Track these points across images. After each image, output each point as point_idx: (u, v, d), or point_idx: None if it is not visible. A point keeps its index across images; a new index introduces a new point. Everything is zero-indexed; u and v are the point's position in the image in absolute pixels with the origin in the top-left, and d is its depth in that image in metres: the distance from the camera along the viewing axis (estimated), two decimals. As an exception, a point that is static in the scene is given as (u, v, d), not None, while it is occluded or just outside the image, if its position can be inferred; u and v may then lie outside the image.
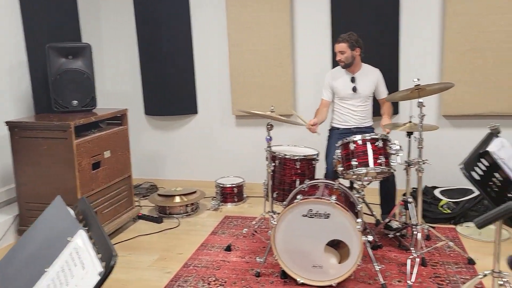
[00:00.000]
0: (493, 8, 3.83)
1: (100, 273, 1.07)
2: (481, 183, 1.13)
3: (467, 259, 3.06)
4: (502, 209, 0.88)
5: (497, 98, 3.95)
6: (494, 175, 1.15)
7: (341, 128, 3.68)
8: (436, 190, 4.00)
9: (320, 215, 2.73)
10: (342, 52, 3.49)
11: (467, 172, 1.13)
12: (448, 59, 4.01)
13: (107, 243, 1.10)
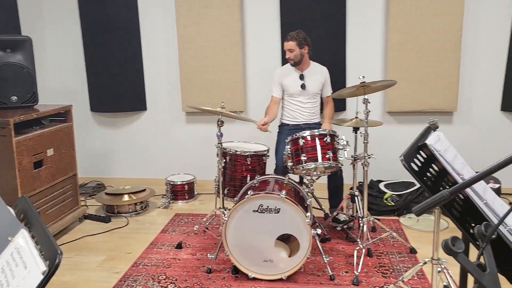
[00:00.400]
0: (432, 10, 4.03)
1: (44, 272, 1.03)
2: (419, 173, 1.20)
3: (409, 249, 3.22)
4: (436, 197, 0.94)
5: (436, 95, 4.17)
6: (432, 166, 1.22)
7: (290, 124, 3.74)
8: (381, 184, 4.17)
9: (270, 210, 2.77)
10: (291, 50, 3.55)
11: (407, 163, 1.20)
12: (391, 58, 4.19)
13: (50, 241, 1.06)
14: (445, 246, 0.89)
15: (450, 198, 0.92)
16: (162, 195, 4.49)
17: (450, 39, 4.06)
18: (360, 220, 3.12)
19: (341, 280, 2.83)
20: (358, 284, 2.77)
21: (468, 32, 4.11)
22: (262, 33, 4.44)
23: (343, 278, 2.85)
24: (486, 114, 4.25)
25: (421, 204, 1.00)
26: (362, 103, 2.90)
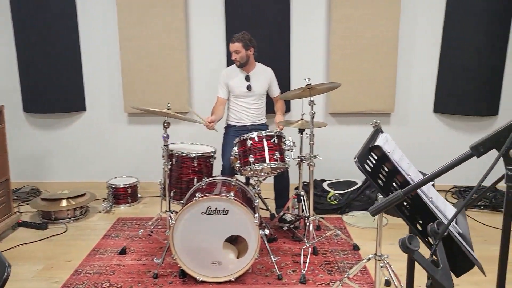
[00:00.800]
0: (371, 16, 4.20)
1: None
2: (372, 174, 1.25)
3: (352, 246, 3.33)
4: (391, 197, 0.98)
5: (375, 97, 4.35)
6: (383, 166, 1.27)
7: (236, 125, 3.74)
8: (324, 183, 4.28)
9: (219, 212, 2.75)
10: (237, 52, 3.55)
11: (360, 165, 1.24)
12: (333, 61, 4.31)
13: None
14: (402, 245, 0.93)
15: (403, 198, 0.96)
16: (104, 199, 4.32)
17: (387, 43, 4.26)
18: (307, 219, 3.18)
19: (289, 279, 2.87)
20: (305, 282, 2.82)
21: (404, 38, 4.33)
22: (207, 33, 4.41)
23: (291, 277, 2.90)
24: (420, 116, 4.50)
25: (376, 205, 1.03)
26: (308, 105, 2.96)
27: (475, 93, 4.34)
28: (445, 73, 4.38)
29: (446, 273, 0.88)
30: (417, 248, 0.91)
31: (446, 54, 4.34)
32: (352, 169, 4.43)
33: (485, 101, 4.38)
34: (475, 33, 4.23)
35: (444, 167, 0.97)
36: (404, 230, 3.60)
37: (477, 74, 4.30)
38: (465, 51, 4.27)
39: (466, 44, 4.26)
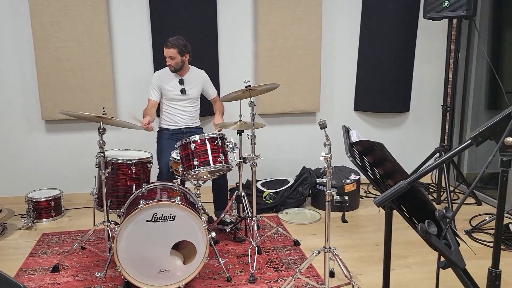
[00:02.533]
0: (294, 19, 4.37)
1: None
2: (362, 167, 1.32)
3: (293, 241, 3.43)
4: (396, 188, 1.05)
5: (302, 98, 4.53)
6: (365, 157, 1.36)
7: (171, 129, 3.66)
8: (258, 183, 4.35)
9: (165, 218, 2.68)
10: (172, 58, 3.48)
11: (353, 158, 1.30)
12: (261, 63, 4.41)
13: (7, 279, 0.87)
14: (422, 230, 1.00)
15: (407, 188, 1.03)
16: (22, 215, 3.96)
17: (311, 46, 4.45)
18: (250, 219, 3.22)
19: (238, 280, 2.89)
20: (255, 281, 2.86)
21: (326, 40, 4.56)
22: (132, 36, 4.25)
23: (240, 278, 2.91)
24: (342, 114, 4.77)
25: (382, 195, 1.10)
26: (249, 106, 3.00)
27: (390, 92, 4.72)
28: (363, 74, 4.70)
29: (457, 252, 0.97)
30: (434, 233, 0.99)
31: (363, 56, 4.66)
32: (283, 168, 4.59)
33: (398, 99, 4.78)
34: (388, 37, 4.59)
35: (447, 156, 1.07)
36: (335, 224, 3.81)
37: (391, 74, 4.67)
38: (379, 54, 4.62)
39: (380, 47, 4.60)
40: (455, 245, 0.98)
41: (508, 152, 1.08)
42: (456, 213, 1.06)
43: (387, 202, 1.11)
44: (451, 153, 1.06)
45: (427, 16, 3.97)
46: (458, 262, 0.96)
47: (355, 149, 1.37)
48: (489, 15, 4.57)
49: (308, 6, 4.37)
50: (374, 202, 1.17)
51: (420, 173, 1.09)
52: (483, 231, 3.63)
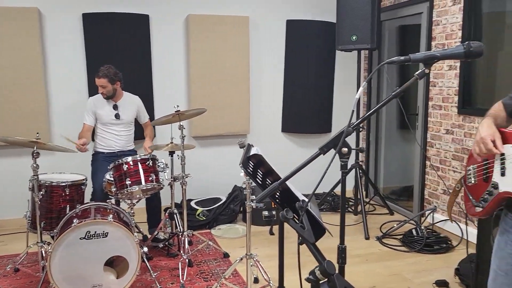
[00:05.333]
0: (224, 48, 4.73)
1: None
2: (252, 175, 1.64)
3: (223, 254, 3.70)
4: (271, 187, 1.37)
5: (233, 121, 4.87)
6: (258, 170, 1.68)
7: (105, 152, 3.84)
8: (192, 202, 4.59)
9: (98, 235, 2.85)
10: (103, 86, 3.68)
11: (245, 168, 1.61)
12: (194, 88, 4.71)
13: None
14: (282, 216, 1.31)
15: (279, 188, 1.36)
16: (-50, 242, 3.93)
17: (241, 72, 4.83)
18: (181, 234, 3.45)
19: (169, 291, 3.10)
20: (185, 291, 3.08)
21: (254, 68, 4.96)
22: (66, 61, 4.40)
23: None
24: (271, 135, 5.17)
25: (260, 194, 1.41)
26: (178, 129, 3.27)
27: (313, 115, 5.19)
28: (289, 99, 5.14)
29: (309, 232, 1.30)
30: (291, 217, 1.31)
31: (288, 83, 5.12)
32: (216, 187, 4.87)
33: (321, 121, 5.26)
34: (310, 65, 5.08)
35: (302, 164, 1.41)
36: (263, 236, 4.11)
37: (314, 99, 5.15)
38: (303, 80, 5.09)
39: (303, 75, 5.08)
40: (309, 227, 1.32)
41: (345, 158, 1.46)
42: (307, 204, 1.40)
43: (264, 198, 1.43)
44: (304, 162, 1.40)
45: (339, 48, 4.48)
46: (308, 238, 1.30)
47: (251, 161, 1.70)
48: (396, 45, 5.20)
49: (237, 36, 4.76)
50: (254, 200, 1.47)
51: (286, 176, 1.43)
52: (392, 236, 4.10)
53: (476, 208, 1.84)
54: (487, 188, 1.76)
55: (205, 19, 4.65)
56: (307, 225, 1.35)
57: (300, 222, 1.37)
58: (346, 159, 1.51)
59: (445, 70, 4.21)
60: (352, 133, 1.51)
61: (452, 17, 4.09)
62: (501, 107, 1.81)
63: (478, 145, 1.70)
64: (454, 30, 4.07)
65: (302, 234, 1.31)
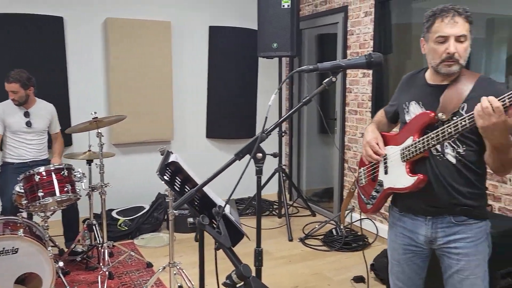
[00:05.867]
0: (146, 54, 4.64)
1: None
2: (170, 183, 1.63)
3: (146, 264, 3.61)
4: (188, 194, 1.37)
5: (155, 127, 4.78)
6: (176, 177, 1.67)
7: (15, 163, 3.59)
8: (113, 212, 4.43)
9: (7, 252, 2.66)
10: (14, 92, 3.45)
11: (162, 176, 1.60)
12: (114, 94, 4.56)
13: None
14: (198, 223, 1.32)
15: (195, 194, 1.37)
16: None
17: (163, 79, 4.76)
18: (101, 246, 3.31)
19: (88, 306, 2.96)
20: (105, 305, 2.96)
21: (177, 74, 4.91)
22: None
23: (90, 304, 2.99)
24: (196, 141, 5.14)
25: (177, 201, 1.41)
26: (96, 137, 3.15)
27: (237, 120, 5.25)
28: (213, 105, 5.16)
29: (225, 237, 1.32)
30: (207, 223, 1.32)
31: (211, 89, 5.13)
32: (139, 195, 4.74)
33: (244, 126, 5.33)
34: (233, 71, 5.14)
35: (218, 170, 1.43)
36: (189, 244, 4.08)
37: (237, 105, 5.21)
38: (226, 87, 5.14)
39: (227, 81, 5.13)
40: (225, 232, 1.35)
41: (259, 163, 1.51)
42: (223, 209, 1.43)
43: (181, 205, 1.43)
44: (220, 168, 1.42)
45: (261, 55, 4.58)
46: (225, 243, 1.33)
47: (169, 169, 1.69)
48: (315, 52, 5.43)
49: (159, 41, 4.69)
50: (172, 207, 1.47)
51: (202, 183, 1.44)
52: (314, 237, 4.25)
53: (367, 205, 2.03)
54: (375, 187, 1.95)
55: (125, 23, 4.53)
56: (223, 230, 1.37)
57: (217, 227, 1.39)
58: (261, 164, 1.56)
59: (359, 77, 4.46)
60: (266, 139, 1.55)
61: (364, 28, 4.35)
62: (383, 114, 2.04)
63: (365, 148, 1.89)
64: (367, 40, 4.34)
65: (218, 239, 1.33)
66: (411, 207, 1.85)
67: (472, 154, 1.70)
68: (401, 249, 1.92)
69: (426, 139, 1.69)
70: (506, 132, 1.50)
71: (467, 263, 1.75)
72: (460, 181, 1.72)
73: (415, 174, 1.75)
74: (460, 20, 1.65)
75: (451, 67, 1.68)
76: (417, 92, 1.83)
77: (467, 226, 1.75)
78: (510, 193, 3.04)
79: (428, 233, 1.81)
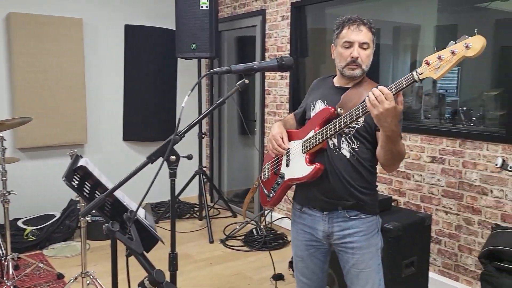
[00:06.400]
0: (55, 53, 4.36)
1: None
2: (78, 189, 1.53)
3: (56, 275, 3.38)
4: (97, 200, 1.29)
5: (67, 130, 4.51)
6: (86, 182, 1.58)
7: None
8: (19, 221, 4.10)
9: None
10: None
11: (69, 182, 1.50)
12: (19, 95, 4.23)
13: None
14: (107, 229, 1.25)
15: (104, 200, 1.29)
16: None
17: (75, 78, 4.51)
18: (5, 259, 3.05)
19: (-11, 325, 2.71)
20: (9, 323, 2.73)
21: (90, 75, 4.67)
22: None
23: (-9, 323, 2.73)
24: (112, 144, 4.93)
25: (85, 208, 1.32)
26: (-4, 141, 2.89)
27: (155, 122, 5.12)
28: (130, 107, 4.99)
29: (137, 243, 1.27)
30: (117, 229, 1.26)
31: (128, 91, 4.96)
32: (49, 203, 4.44)
33: (163, 128, 5.21)
34: (150, 73, 5.01)
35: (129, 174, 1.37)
36: (104, 251, 3.90)
37: (156, 107, 5.09)
38: (144, 88, 4.99)
39: (144, 82, 4.98)
40: (137, 238, 1.31)
41: (173, 166, 1.48)
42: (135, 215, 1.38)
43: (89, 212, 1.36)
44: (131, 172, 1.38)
45: (179, 56, 4.52)
46: (136, 249, 1.28)
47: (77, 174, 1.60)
48: (235, 54, 5.46)
49: (70, 39, 4.44)
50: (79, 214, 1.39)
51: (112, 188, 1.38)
52: (235, 238, 4.27)
53: (267, 197, 2.11)
54: (276, 179, 2.04)
55: (31, 19, 4.23)
56: (135, 235, 1.32)
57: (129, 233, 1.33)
58: (175, 166, 1.53)
59: (278, 79, 4.57)
60: (179, 141, 1.52)
61: (282, 31, 4.46)
62: (292, 116, 2.17)
63: (271, 142, 1.97)
64: (284, 43, 4.46)
65: (129, 245, 1.28)
66: (310, 198, 1.94)
67: (366, 151, 1.85)
68: (303, 245, 2.02)
69: (325, 129, 1.80)
70: (397, 118, 1.61)
71: (361, 256, 1.88)
72: (354, 176, 1.85)
73: (313, 163, 1.85)
74: (364, 29, 1.82)
75: (354, 70, 1.84)
76: (324, 93, 1.96)
77: (359, 220, 1.88)
78: (413, 188, 3.29)
79: (325, 228, 1.92)
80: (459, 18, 4.09)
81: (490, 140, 2.88)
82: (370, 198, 1.91)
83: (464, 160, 3.02)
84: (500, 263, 2.34)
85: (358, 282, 1.90)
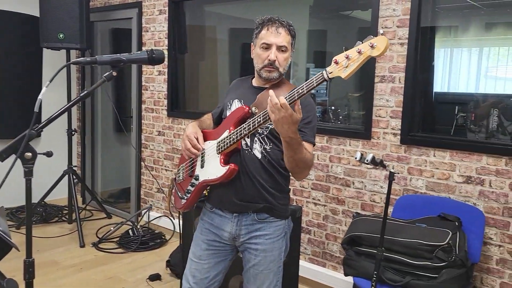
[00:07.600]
0: None
1: None
2: None
3: None
4: None
5: None
6: None
7: None
8: None
9: None
10: None
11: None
12: None
13: None
14: None
15: None
16: None
17: None
18: None
19: None
20: None
21: None
22: None
23: None
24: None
25: None
26: None
27: (18, 118, 4.61)
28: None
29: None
30: None
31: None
32: None
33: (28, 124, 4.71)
34: (11, 60, 4.50)
35: None
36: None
37: (19, 101, 4.59)
38: (4, 80, 4.48)
39: (5, 73, 4.47)
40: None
41: (29, 164, 1.35)
42: None
43: None
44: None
45: (44, 45, 4.12)
46: None
47: None
48: (109, 46, 5.18)
49: None
50: None
51: None
52: (109, 240, 4.05)
53: (181, 200, 2.03)
54: (191, 181, 1.97)
55: None
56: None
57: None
58: (31, 164, 1.38)
59: (155, 75, 4.44)
60: (36, 137, 1.39)
61: (159, 26, 4.35)
62: (210, 116, 2.10)
63: (184, 142, 1.89)
64: (162, 38, 4.35)
65: None
66: (222, 199, 1.91)
67: (278, 153, 1.84)
68: (204, 244, 1.97)
69: (239, 129, 1.76)
70: (294, 126, 1.61)
71: (263, 258, 1.89)
72: (265, 177, 1.84)
73: (227, 164, 1.81)
74: (283, 31, 1.80)
75: (271, 73, 1.82)
76: (242, 93, 1.94)
77: (267, 224, 1.89)
78: (353, 196, 3.22)
79: (232, 230, 1.90)
80: (328, 24, 4.43)
81: (353, 137, 3.16)
82: (281, 201, 1.91)
83: (331, 155, 3.27)
84: (359, 248, 2.57)
85: (255, 282, 1.91)
